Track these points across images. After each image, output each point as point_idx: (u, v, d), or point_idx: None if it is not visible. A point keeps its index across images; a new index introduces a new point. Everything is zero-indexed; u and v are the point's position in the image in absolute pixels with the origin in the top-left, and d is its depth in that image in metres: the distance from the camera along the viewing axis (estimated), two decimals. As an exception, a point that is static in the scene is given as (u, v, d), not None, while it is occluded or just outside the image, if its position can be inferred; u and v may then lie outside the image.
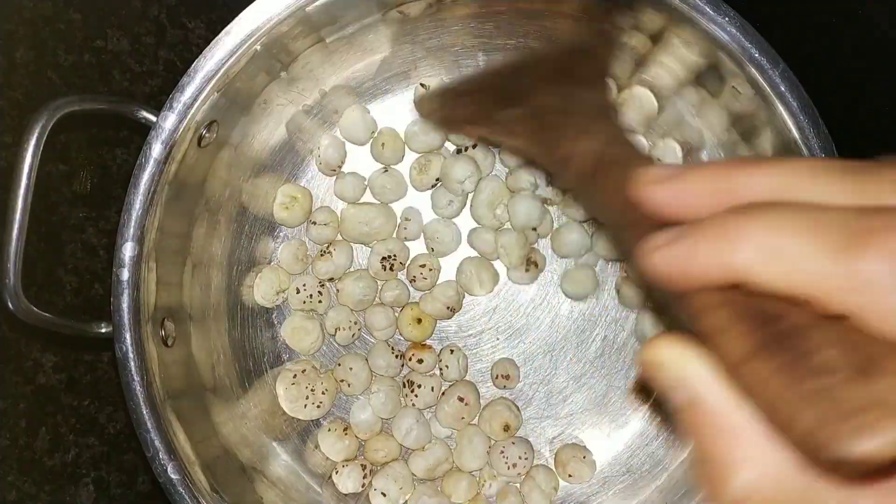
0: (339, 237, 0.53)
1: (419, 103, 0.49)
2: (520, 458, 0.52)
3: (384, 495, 0.52)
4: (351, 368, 0.52)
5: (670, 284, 0.23)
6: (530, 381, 0.54)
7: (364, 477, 0.52)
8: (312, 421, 0.53)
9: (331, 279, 0.53)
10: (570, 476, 0.53)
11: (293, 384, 0.52)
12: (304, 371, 0.52)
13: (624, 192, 0.27)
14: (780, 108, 0.43)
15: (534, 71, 0.39)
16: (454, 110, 0.44)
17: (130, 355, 0.43)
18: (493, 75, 0.43)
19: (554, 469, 0.53)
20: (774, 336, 0.21)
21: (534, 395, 0.54)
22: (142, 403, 0.43)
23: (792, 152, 0.44)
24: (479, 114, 0.41)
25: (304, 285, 0.53)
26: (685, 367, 0.22)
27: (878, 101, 0.55)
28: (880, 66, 0.55)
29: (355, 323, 0.53)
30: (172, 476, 0.43)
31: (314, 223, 0.53)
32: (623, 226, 0.27)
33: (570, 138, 0.33)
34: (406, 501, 0.52)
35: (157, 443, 0.43)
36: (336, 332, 0.53)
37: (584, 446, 0.54)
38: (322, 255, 0.53)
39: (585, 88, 0.37)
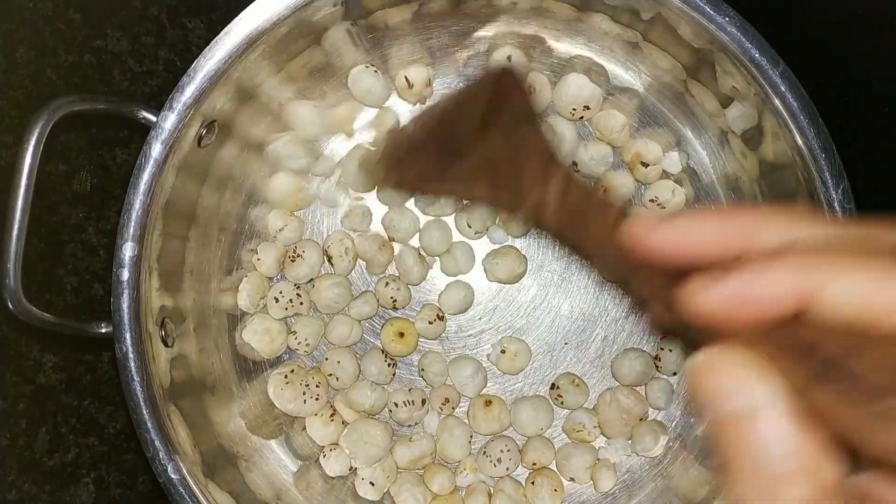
0: (304, 236, 0.54)
1: (369, 174, 0.47)
2: (502, 451, 0.52)
3: (372, 484, 0.52)
4: (339, 362, 0.52)
5: (723, 320, 0.23)
6: (530, 381, 0.54)
7: (352, 459, 0.52)
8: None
9: (310, 281, 0.53)
10: (570, 479, 0.53)
11: (287, 384, 0.52)
12: (292, 371, 0.52)
13: (611, 240, 0.27)
14: (781, 108, 0.43)
15: (465, 121, 0.38)
16: (407, 171, 0.40)
17: (130, 355, 0.43)
18: (430, 130, 0.40)
19: (523, 484, 0.53)
20: (825, 364, 0.21)
21: (534, 395, 0.54)
22: (142, 403, 0.43)
23: (792, 152, 0.44)
24: (435, 168, 0.39)
25: (280, 293, 0.53)
26: (749, 376, 0.22)
27: (878, 101, 0.55)
28: (880, 67, 0.55)
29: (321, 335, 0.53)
30: (172, 476, 0.43)
31: (282, 230, 0.53)
32: (624, 274, 0.28)
33: (534, 185, 0.33)
34: (389, 489, 0.52)
35: (157, 443, 0.43)
36: (298, 344, 0.53)
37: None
38: (293, 260, 0.52)
39: (521, 133, 0.36)
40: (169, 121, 0.43)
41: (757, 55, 0.43)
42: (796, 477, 0.21)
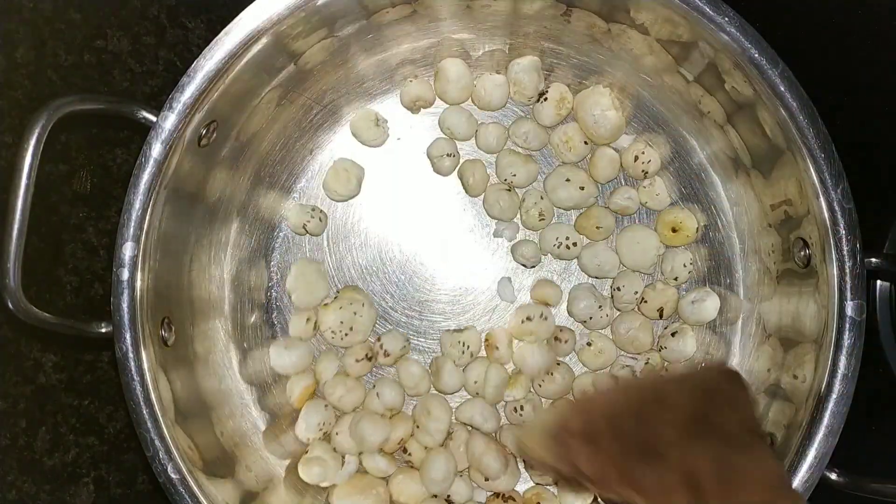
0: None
1: (526, 436, 0.39)
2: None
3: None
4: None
5: None
6: (530, 381, 0.54)
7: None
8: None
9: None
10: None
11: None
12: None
13: None
14: (780, 108, 0.43)
15: (669, 415, 0.33)
16: (579, 451, 0.35)
17: (130, 355, 0.43)
18: (623, 411, 0.35)
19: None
20: None
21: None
22: (141, 403, 0.43)
23: (791, 153, 0.44)
24: (610, 466, 0.33)
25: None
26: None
27: (877, 101, 0.55)
28: (880, 66, 0.55)
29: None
30: (172, 476, 0.43)
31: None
32: None
33: None
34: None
35: (156, 442, 0.43)
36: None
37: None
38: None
39: (742, 453, 0.32)
40: (169, 121, 0.43)
41: (757, 55, 0.43)
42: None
